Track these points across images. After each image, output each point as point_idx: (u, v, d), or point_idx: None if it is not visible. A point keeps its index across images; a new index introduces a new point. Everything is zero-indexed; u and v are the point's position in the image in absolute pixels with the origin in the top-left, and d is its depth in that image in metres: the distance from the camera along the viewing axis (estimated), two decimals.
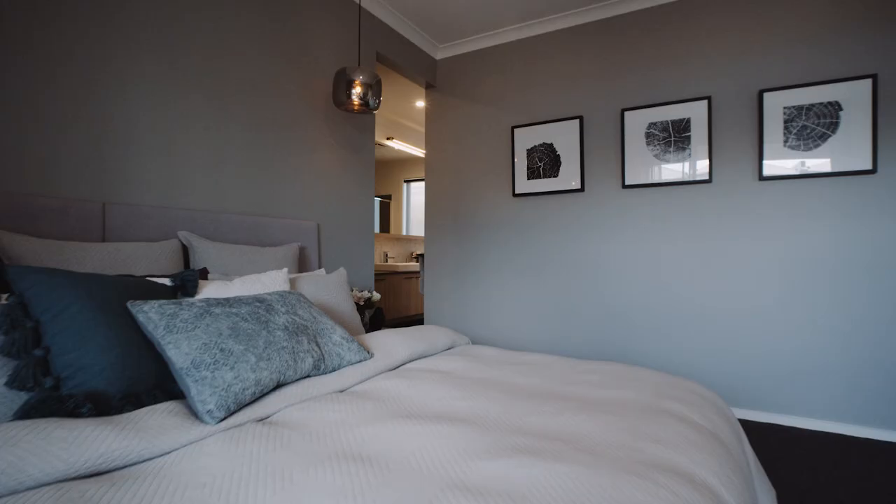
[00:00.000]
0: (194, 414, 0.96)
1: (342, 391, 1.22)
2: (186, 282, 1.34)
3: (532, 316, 3.30)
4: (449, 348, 1.78)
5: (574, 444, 0.90)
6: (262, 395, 1.07)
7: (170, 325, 1.03)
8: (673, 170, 2.87)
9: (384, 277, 4.82)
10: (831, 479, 1.94)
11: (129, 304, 1.05)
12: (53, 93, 1.55)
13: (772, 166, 2.62)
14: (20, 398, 0.90)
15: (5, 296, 1.02)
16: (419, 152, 6.19)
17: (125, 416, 0.89)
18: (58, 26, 1.56)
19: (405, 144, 5.90)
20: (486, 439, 0.90)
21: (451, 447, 0.87)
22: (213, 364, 0.99)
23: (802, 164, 2.54)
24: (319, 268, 2.56)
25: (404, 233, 6.70)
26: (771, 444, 2.31)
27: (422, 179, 6.81)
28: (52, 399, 0.84)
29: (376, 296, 2.68)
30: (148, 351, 1.05)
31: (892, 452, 2.21)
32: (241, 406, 1.01)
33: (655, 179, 2.91)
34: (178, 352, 0.99)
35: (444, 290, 3.67)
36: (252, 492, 0.70)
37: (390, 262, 5.95)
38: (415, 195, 7.10)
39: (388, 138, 5.61)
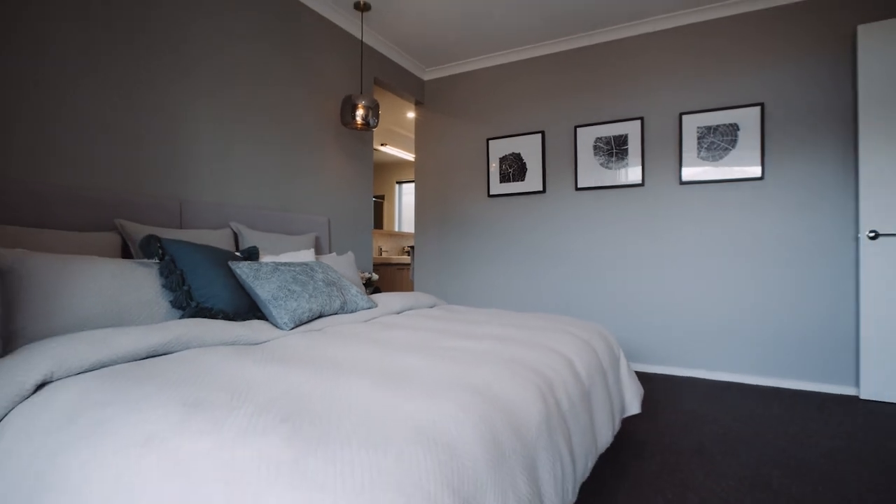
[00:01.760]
0: (275, 325, 1.62)
1: (359, 322, 1.88)
2: (252, 254, 1.99)
3: (500, 293, 3.98)
4: (431, 306, 2.45)
5: (500, 338, 1.57)
6: (312, 319, 1.73)
7: (256, 275, 1.68)
8: (614, 175, 3.56)
9: (379, 269, 5.48)
10: (713, 408, 2.65)
11: (229, 263, 1.70)
12: (148, 123, 2.19)
13: (688, 173, 3.31)
14: (177, 313, 1.55)
15: (158, 258, 1.67)
16: (410, 157, 6.84)
17: (239, 322, 1.54)
18: (154, 75, 2.20)
19: (397, 150, 6.55)
20: (451, 336, 1.57)
21: (431, 339, 1.53)
22: (284, 297, 1.65)
23: (710, 171, 3.25)
24: (330, 252, 3.21)
25: (396, 229, 7.36)
26: (681, 390, 3.02)
27: (412, 181, 7.47)
28: (203, 310, 1.50)
29: (375, 276, 3.34)
30: (241, 291, 1.70)
31: (767, 393, 2.93)
32: (302, 322, 1.67)
33: (601, 183, 3.61)
34: (263, 290, 1.65)
35: (431, 275, 4.34)
36: (322, 349, 1.36)
37: (384, 255, 6.61)
38: (406, 195, 7.74)
39: (382, 144, 6.26)
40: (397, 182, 7.65)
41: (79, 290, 1.39)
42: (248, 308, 1.68)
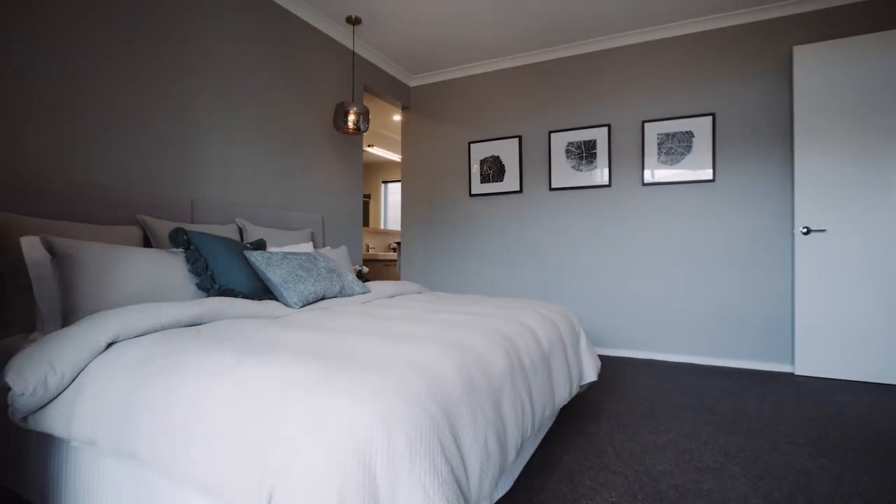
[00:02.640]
0: (285, 304, 1.90)
1: (357, 303, 2.16)
2: (260, 245, 2.26)
3: (481, 284, 4.30)
4: (419, 293, 2.75)
5: (477, 314, 1.87)
6: (316, 300, 2.02)
7: (268, 262, 1.96)
8: (584, 177, 3.90)
9: (366, 264, 5.75)
10: (666, 383, 3.00)
11: (244, 252, 1.98)
12: (162, 130, 2.44)
13: (649, 175, 3.67)
14: (201, 294, 1.82)
15: (184, 248, 1.93)
16: (395, 157, 7.12)
17: (256, 301, 1.81)
18: (167, 86, 2.46)
19: (383, 150, 6.82)
20: (436, 312, 1.87)
21: (419, 314, 1.83)
22: (293, 281, 1.93)
23: (669, 174, 3.61)
24: (325, 247, 3.48)
25: (382, 227, 7.62)
26: (640, 369, 3.37)
27: (397, 181, 7.75)
28: (225, 291, 1.77)
29: (365, 269, 3.62)
30: (255, 275, 1.98)
31: (716, 371, 3.30)
32: (308, 302, 1.95)
33: (572, 184, 3.94)
34: (275, 275, 1.93)
35: (417, 269, 4.64)
36: (330, 321, 1.64)
37: (371, 252, 6.87)
38: (391, 194, 8.02)
39: (369, 145, 6.53)
40: (383, 182, 7.92)
41: (123, 274, 1.65)
42: (261, 290, 1.96)
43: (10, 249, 1.70)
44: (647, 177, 3.68)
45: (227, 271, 1.88)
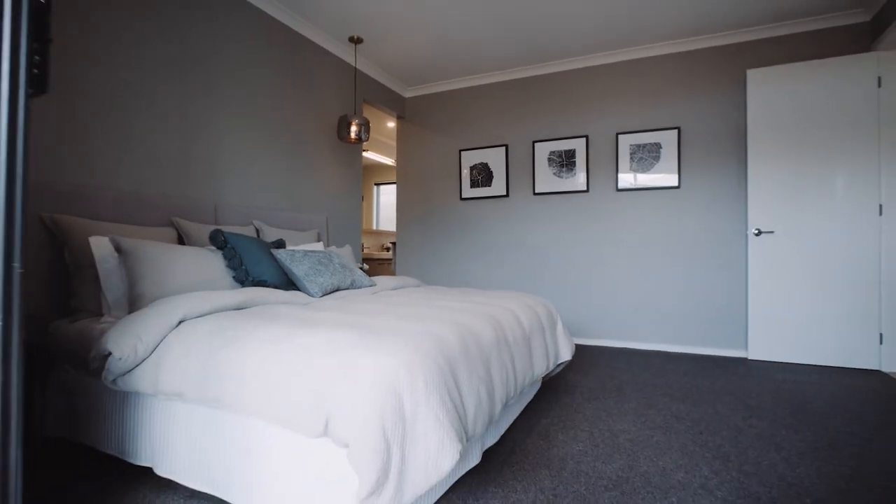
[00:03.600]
0: (307, 294, 2.24)
1: (367, 294, 2.51)
2: (281, 244, 2.60)
3: (471, 280, 4.67)
4: (417, 286, 3.11)
5: (470, 301, 2.23)
6: (333, 290, 2.36)
7: (291, 259, 2.30)
8: (565, 183, 4.29)
9: (363, 263, 6.09)
10: (635, 367, 3.40)
11: (271, 250, 2.31)
12: (190, 142, 2.76)
13: (623, 182, 4.07)
14: (237, 286, 2.16)
15: (220, 247, 2.26)
16: (387, 161, 7.45)
17: (284, 290, 2.15)
18: (196, 99, 2.78)
19: (376, 154, 7.16)
20: (436, 300, 2.23)
21: (423, 301, 2.19)
22: (314, 275, 2.27)
23: (640, 180, 4.01)
24: (329, 246, 3.82)
25: (375, 227, 7.96)
26: (613, 356, 3.77)
27: (390, 183, 8.09)
28: (259, 282, 2.11)
29: (366, 266, 3.97)
30: (280, 270, 2.32)
31: (680, 357, 3.70)
32: (327, 292, 2.30)
33: (554, 189, 4.33)
34: (298, 270, 2.27)
35: (412, 267, 4.99)
36: (349, 305, 1.99)
37: (366, 251, 7.20)
38: (384, 196, 8.36)
39: (363, 150, 6.86)
40: (375, 184, 8.26)
41: (176, 268, 1.98)
42: (286, 282, 2.30)
43: (74, 247, 2.02)
44: (621, 183, 4.08)
45: (258, 266, 2.22)
